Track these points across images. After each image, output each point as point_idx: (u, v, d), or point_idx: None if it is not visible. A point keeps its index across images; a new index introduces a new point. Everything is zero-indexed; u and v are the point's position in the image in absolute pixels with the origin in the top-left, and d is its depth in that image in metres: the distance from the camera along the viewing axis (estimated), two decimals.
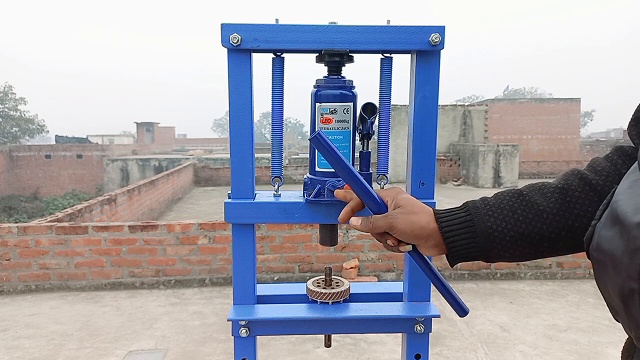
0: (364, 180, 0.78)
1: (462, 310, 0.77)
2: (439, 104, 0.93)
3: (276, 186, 0.99)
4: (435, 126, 0.93)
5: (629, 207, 0.51)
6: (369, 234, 0.78)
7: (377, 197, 0.77)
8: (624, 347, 0.63)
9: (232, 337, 0.97)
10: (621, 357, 0.63)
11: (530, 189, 0.74)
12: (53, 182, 24.95)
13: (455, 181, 15.53)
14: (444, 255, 0.75)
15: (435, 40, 0.87)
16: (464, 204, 0.75)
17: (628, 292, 0.48)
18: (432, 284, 0.82)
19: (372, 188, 0.79)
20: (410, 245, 0.76)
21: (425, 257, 0.78)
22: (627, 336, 0.59)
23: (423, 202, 0.81)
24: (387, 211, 0.76)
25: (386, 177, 0.98)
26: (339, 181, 0.91)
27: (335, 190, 0.87)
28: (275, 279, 4.53)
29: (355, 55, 0.92)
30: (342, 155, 0.77)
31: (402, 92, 1.06)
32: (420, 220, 0.73)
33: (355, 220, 0.78)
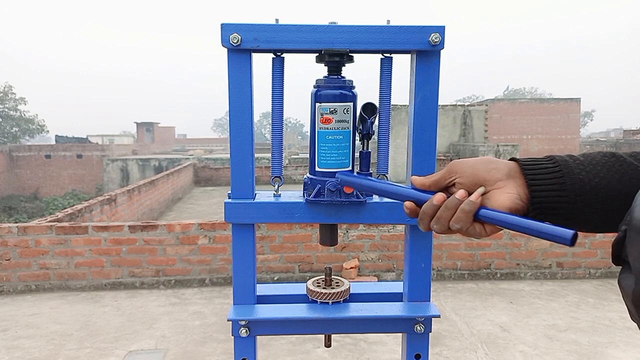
0: (403, 187, 0.72)
1: (565, 239, 0.59)
2: (439, 104, 0.93)
3: (276, 186, 0.99)
4: (435, 126, 0.92)
5: None
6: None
7: (421, 193, 0.70)
8: None
9: (232, 337, 0.97)
10: None
11: (623, 153, 0.66)
12: (53, 182, 24.93)
13: None
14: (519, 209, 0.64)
15: (435, 40, 0.87)
16: (547, 156, 0.66)
17: None
18: None
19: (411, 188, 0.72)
20: (482, 188, 0.65)
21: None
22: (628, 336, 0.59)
23: None
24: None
25: (386, 177, 0.98)
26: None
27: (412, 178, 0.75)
28: (275, 279, 4.53)
29: (355, 55, 0.92)
30: (370, 179, 0.78)
31: (402, 92, 1.06)
32: (491, 160, 0.66)
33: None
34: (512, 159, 0.67)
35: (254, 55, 0.92)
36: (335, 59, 0.90)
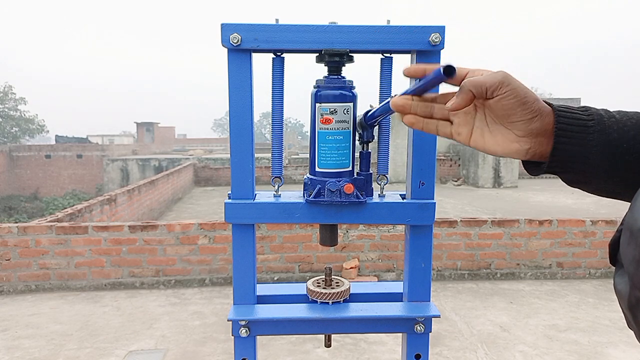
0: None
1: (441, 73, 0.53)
2: None
3: (276, 186, 0.99)
4: None
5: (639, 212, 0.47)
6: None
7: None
8: None
9: (232, 337, 0.97)
10: None
11: None
12: (53, 182, 24.93)
13: (455, 181, 15.53)
14: (524, 162, 0.61)
15: (435, 40, 0.87)
16: (583, 106, 0.61)
17: (635, 302, 0.47)
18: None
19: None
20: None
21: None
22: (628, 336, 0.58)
23: (423, 202, 0.80)
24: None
25: (386, 177, 0.98)
26: (339, 181, 0.91)
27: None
28: (275, 279, 4.53)
29: (355, 55, 0.92)
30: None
31: None
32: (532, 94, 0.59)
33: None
34: (546, 102, 0.61)
35: (254, 55, 0.92)
36: (335, 59, 0.90)
